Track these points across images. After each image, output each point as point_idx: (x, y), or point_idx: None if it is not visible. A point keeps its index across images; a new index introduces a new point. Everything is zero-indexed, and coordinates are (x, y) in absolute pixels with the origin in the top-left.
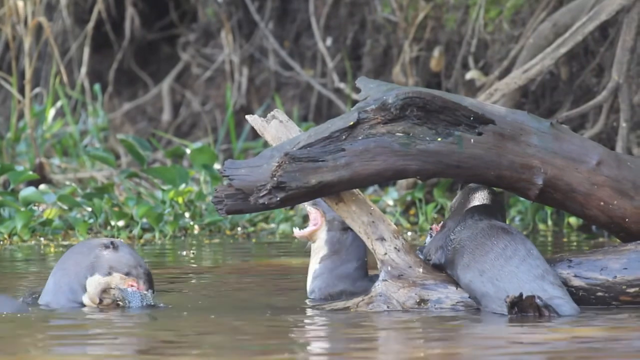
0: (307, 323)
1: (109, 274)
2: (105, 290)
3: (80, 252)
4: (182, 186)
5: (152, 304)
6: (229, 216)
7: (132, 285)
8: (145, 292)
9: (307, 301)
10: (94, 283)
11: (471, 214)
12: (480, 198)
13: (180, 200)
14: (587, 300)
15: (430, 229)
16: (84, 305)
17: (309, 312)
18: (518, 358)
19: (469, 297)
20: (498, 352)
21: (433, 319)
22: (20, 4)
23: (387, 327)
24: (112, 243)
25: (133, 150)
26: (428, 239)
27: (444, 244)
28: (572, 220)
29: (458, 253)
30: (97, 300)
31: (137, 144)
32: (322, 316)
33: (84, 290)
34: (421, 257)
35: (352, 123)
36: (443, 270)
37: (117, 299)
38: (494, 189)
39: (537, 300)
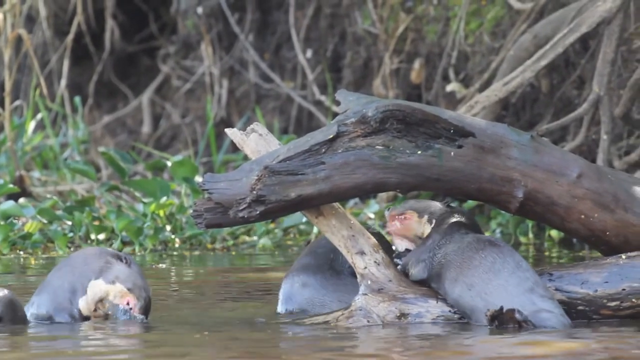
0: (287, 338)
1: (113, 282)
2: (101, 300)
3: (93, 254)
4: (163, 199)
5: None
6: (209, 230)
7: (127, 303)
8: (137, 316)
9: (286, 315)
10: (96, 288)
11: (457, 227)
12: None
13: (161, 213)
14: (568, 314)
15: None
16: (78, 310)
17: (289, 326)
18: None
19: (453, 311)
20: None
21: (413, 332)
22: (0, 16)
23: (368, 341)
24: (126, 258)
25: (114, 163)
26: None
27: (427, 257)
28: (554, 233)
29: (444, 267)
30: (93, 307)
31: (118, 156)
32: (302, 331)
33: (84, 292)
34: (399, 263)
35: (331, 136)
36: (424, 284)
37: (108, 311)
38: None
39: (517, 315)
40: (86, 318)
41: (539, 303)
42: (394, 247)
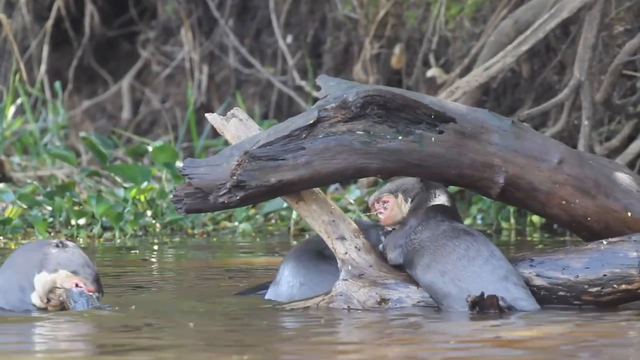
0: (268, 323)
1: (56, 270)
2: (52, 290)
3: (30, 249)
4: (144, 184)
5: (98, 305)
6: (190, 215)
7: (77, 285)
8: (92, 294)
9: (267, 301)
10: (42, 280)
11: (434, 214)
12: (439, 197)
13: (142, 198)
14: (549, 299)
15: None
16: (34, 305)
17: (270, 311)
18: (481, 357)
19: (430, 297)
20: (458, 350)
21: (394, 318)
22: None
23: (348, 326)
24: (61, 242)
25: (95, 148)
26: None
27: (403, 242)
28: (535, 218)
29: (418, 253)
30: (45, 300)
31: (99, 141)
32: (282, 316)
33: (33, 288)
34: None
35: (312, 121)
36: (402, 269)
37: (63, 299)
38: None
39: (501, 302)
40: (43, 309)
41: (513, 291)
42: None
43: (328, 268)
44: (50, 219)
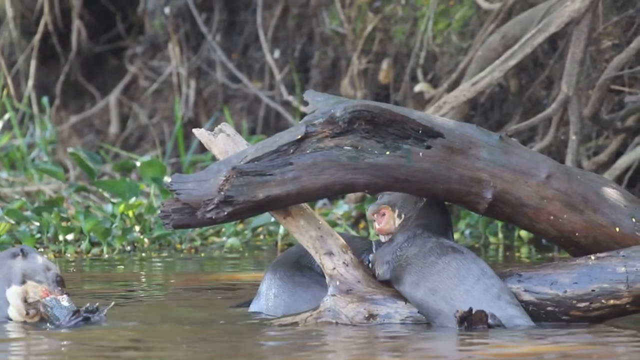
0: (256, 339)
1: (24, 282)
2: (26, 301)
3: None
4: (132, 200)
5: (75, 309)
6: (178, 230)
7: (45, 293)
8: (60, 297)
9: (255, 316)
10: (13, 294)
11: (421, 230)
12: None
13: (130, 213)
14: (537, 315)
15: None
16: (10, 320)
17: (257, 327)
18: None
19: (419, 312)
20: None
21: (382, 333)
22: None
23: (336, 342)
24: (21, 250)
25: (83, 163)
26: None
27: (390, 259)
28: (523, 233)
29: (405, 270)
30: (24, 312)
31: (87, 157)
32: (270, 331)
33: (7, 303)
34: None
35: (299, 137)
36: (389, 284)
37: (42, 313)
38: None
39: (490, 320)
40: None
41: (507, 310)
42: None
43: (301, 280)
44: (38, 235)
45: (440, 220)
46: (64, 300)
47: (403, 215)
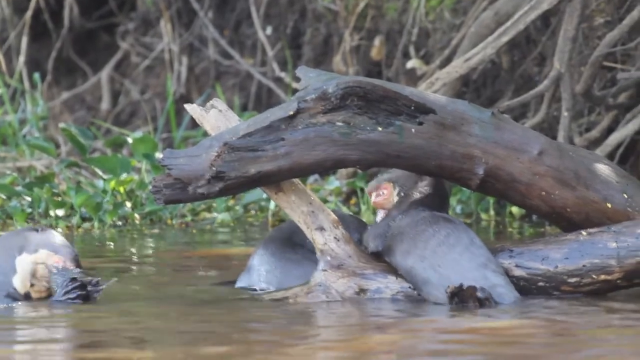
0: (245, 313)
1: (36, 251)
2: (34, 274)
3: (10, 236)
4: (124, 175)
5: (76, 277)
6: (169, 205)
7: (59, 261)
8: (73, 270)
9: (244, 291)
10: (23, 262)
11: (415, 206)
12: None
13: (121, 189)
14: (529, 290)
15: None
16: (15, 289)
17: (247, 302)
18: (458, 348)
19: (409, 287)
20: (437, 341)
21: (372, 308)
22: None
23: (327, 316)
24: (41, 227)
25: (74, 139)
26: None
27: (383, 231)
28: (515, 209)
29: (397, 239)
30: (28, 284)
31: (78, 133)
32: (261, 306)
33: (15, 271)
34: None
35: (292, 112)
36: (380, 258)
37: (46, 281)
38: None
39: (479, 293)
40: (27, 297)
41: (492, 278)
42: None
43: (293, 256)
44: (29, 210)
45: (437, 198)
46: (75, 273)
47: (402, 194)
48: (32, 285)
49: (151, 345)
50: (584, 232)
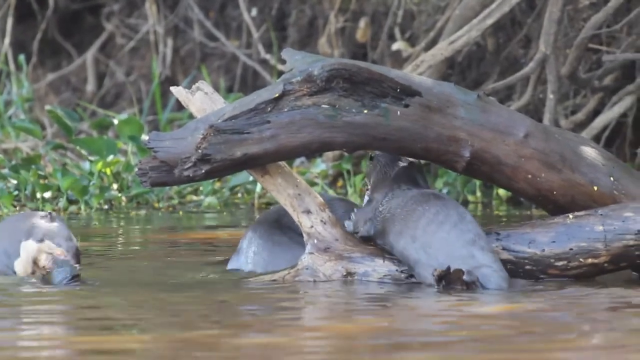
0: (232, 296)
1: (42, 240)
2: (35, 261)
3: (19, 219)
4: (110, 157)
5: (77, 274)
6: (155, 188)
7: (62, 254)
8: (72, 264)
9: (232, 274)
10: (27, 248)
11: (397, 184)
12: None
13: (108, 171)
14: (515, 273)
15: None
16: (14, 274)
17: (235, 284)
18: (445, 331)
19: (400, 270)
20: (423, 324)
21: (359, 291)
22: None
23: (314, 300)
24: (50, 215)
25: (60, 121)
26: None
27: (372, 215)
28: (501, 192)
29: (389, 221)
30: (29, 270)
31: (64, 115)
32: (248, 289)
33: (18, 254)
34: (349, 228)
35: (277, 95)
36: (372, 242)
37: (47, 267)
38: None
39: (465, 277)
40: None
41: (479, 257)
42: None
43: (281, 239)
44: (16, 192)
45: (413, 173)
46: (75, 268)
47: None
48: (32, 272)
49: (141, 330)
50: (570, 216)
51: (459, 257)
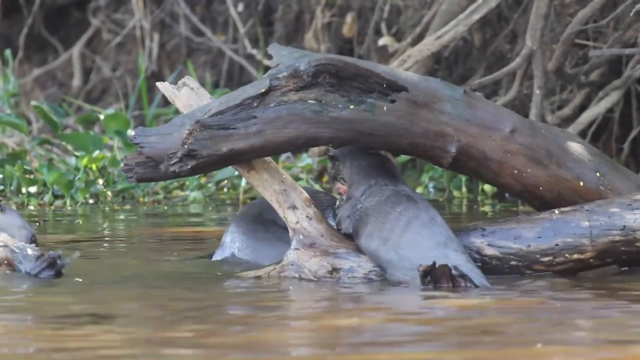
0: (217, 292)
1: None
2: None
3: None
4: (96, 152)
5: (45, 254)
6: (141, 184)
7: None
8: (29, 249)
9: (217, 268)
10: None
11: (375, 180)
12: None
13: (94, 166)
14: (501, 269)
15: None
16: None
17: (219, 280)
18: (428, 328)
19: (376, 266)
20: (406, 321)
21: (344, 288)
22: None
23: (298, 296)
24: (1, 207)
25: (46, 116)
26: (337, 203)
27: (350, 213)
28: (487, 187)
29: (362, 222)
30: None
31: (50, 110)
32: (233, 286)
33: None
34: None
35: (263, 90)
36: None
37: (4, 260)
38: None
39: (453, 271)
40: None
41: (452, 257)
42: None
43: (264, 236)
44: (1, 187)
45: (385, 165)
46: (29, 249)
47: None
48: None
49: (123, 326)
50: (556, 211)
51: (431, 258)
